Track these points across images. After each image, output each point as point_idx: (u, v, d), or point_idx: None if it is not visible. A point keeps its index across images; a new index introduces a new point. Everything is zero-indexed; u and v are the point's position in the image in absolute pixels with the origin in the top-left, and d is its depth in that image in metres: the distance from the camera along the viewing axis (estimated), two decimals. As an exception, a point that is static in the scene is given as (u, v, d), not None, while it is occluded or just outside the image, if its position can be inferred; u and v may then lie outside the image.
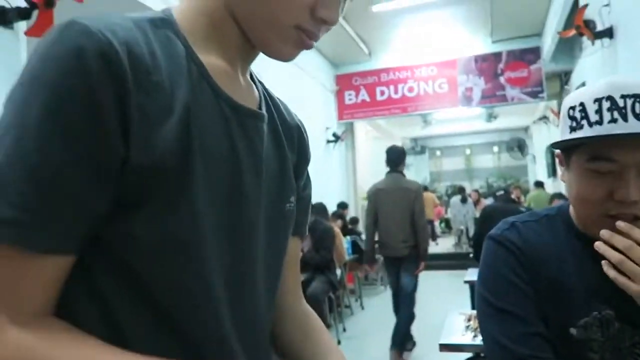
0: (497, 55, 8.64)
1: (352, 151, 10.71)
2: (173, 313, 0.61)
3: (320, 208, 5.86)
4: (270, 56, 0.69)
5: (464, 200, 11.74)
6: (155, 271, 0.59)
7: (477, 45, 8.83)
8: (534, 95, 8.39)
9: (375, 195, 4.63)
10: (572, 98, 0.99)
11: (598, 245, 0.93)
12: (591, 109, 0.93)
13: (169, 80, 0.59)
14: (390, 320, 4.57)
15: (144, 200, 0.56)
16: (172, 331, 0.61)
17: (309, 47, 0.69)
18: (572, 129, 0.96)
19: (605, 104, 0.92)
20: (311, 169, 0.91)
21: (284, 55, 0.68)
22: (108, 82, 0.53)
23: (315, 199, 5.73)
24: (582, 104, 0.95)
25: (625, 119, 0.89)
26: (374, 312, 6.66)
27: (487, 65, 8.73)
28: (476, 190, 13.02)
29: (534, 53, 8.44)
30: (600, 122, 0.91)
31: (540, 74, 8.38)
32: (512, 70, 8.54)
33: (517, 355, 0.97)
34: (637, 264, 0.87)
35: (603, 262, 0.91)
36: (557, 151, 1.06)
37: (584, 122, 0.94)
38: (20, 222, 0.50)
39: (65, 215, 0.53)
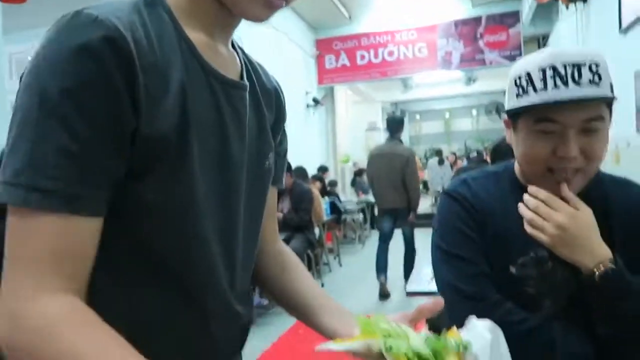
0: (477, 20, 8.69)
1: (332, 115, 10.77)
2: (175, 266, 0.69)
3: (300, 171, 6.00)
4: (245, 17, 0.73)
5: (441, 162, 11.98)
6: (160, 230, 0.66)
7: (458, 9, 8.85)
8: (513, 58, 8.48)
9: (372, 159, 5.46)
10: (518, 67, 1.11)
11: (520, 207, 1.08)
12: (536, 77, 1.06)
13: (164, 59, 0.65)
14: (367, 276, 4.80)
15: (150, 168, 0.64)
16: (174, 281, 0.70)
17: (277, 6, 0.71)
18: (519, 95, 1.09)
19: (549, 72, 1.04)
20: (291, 133, 1.02)
21: (256, 15, 0.71)
22: (120, 67, 0.59)
23: (295, 162, 5.84)
24: (528, 73, 1.07)
25: (566, 85, 1.02)
26: (352, 269, 6.93)
27: (467, 29, 8.78)
28: (454, 153, 13.27)
29: (513, 17, 8.50)
30: (545, 89, 1.04)
31: (518, 38, 8.47)
32: (491, 34, 8.62)
33: (465, 294, 1.12)
34: (544, 218, 1.03)
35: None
36: (504, 116, 1.20)
37: (530, 89, 1.07)
38: (61, 190, 0.57)
39: (96, 182, 0.59)
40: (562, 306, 1.12)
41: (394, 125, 5.43)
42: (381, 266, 5.50)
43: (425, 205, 12.72)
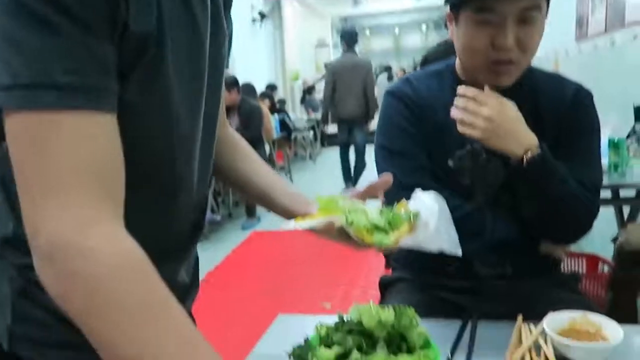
0: None
1: (280, 31, 10.40)
2: (155, 169, 0.70)
3: (248, 88, 5.85)
4: None
5: (390, 79, 12.02)
6: (140, 127, 0.66)
7: None
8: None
9: (334, 69, 5.93)
10: None
11: (452, 110, 1.13)
12: None
13: None
14: (320, 191, 4.91)
15: (133, 67, 0.61)
16: (155, 179, 0.71)
17: None
18: None
19: None
20: (237, 49, 0.98)
21: None
22: None
23: (242, 79, 5.68)
24: None
25: None
26: (303, 186, 7.05)
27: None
28: (403, 69, 13.28)
29: None
30: None
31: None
32: (441, -57, 8.35)
33: (404, 185, 1.18)
34: (473, 114, 1.09)
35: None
36: (447, 11, 1.20)
37: None
38: (79, 83, 0.52)
39: (109, 71, 0.56)
40: (493, 195, 1.21)
41: (349, 37, 5.85)
42: (346, 173, 6.24)
43: (375, 121, 12.92)
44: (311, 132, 9.37)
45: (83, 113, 0.53)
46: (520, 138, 1.09)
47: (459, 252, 0.90)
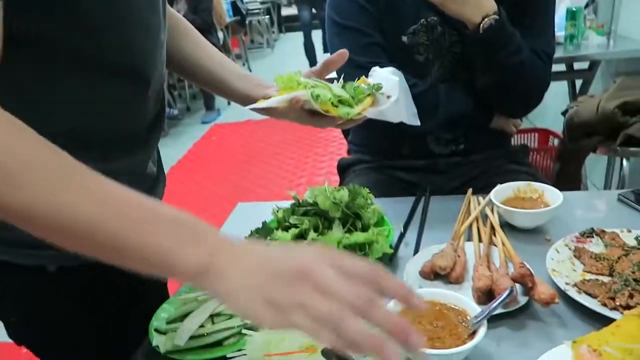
0: None
1: None
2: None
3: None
4: None
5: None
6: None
7: None
8: None
9: None
10: None
11: None
12: None
13: None
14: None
15: None
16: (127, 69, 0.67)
17: None
18: None
19: None
20: None
21: None
22: None
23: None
24: None
25: None
26: (262, 75, 6.78)
27: None
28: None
29: None
30: None
31: None
32: None
33: (358, 63, 1.14)
34: None
35: None
36: None
37: None
38: None
39: None
40: (448, 70, 1.19)
41: None
42: (310, 52, 6.11)
43: None
44: (267, 17, 8.86)
45: None
46: (479, 4, 1.06)
47: (417, 122, 0.91)
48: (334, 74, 0.91)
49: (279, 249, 0.52)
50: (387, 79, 0.88)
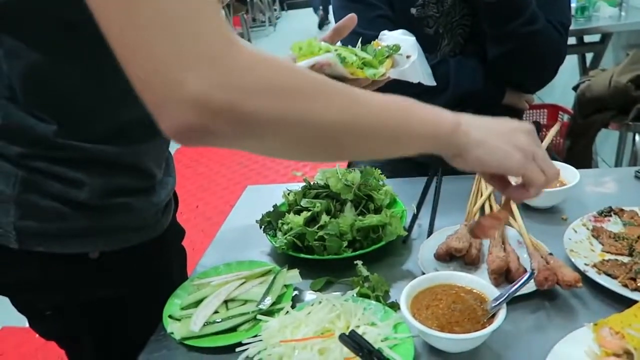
0: None
1: None
2: None
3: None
4: None
5: None
6: None
7: None
8: None
9: None
10: None
11: None
12: None
13: None
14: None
15: None
16: None
17: None
18: None
19: None
20: None
21: None
22: None
23: None
24: None
25: None
26: (265, 55, 6.77)
27: None
28: None
29: None
30: None
31: None
32: None
33: (366, 37, 1.12)
34: None
35: None
36: None
37: None
38: None
39: None
40: (458, 44, 1.16)
41: None
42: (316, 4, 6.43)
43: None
44: (271, -3, 8.72)
45: None
46: None
47: (433, 82, 0.90)
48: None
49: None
50: (403, 40, 0.87)
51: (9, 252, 0.68)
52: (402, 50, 0.84)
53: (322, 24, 7.06)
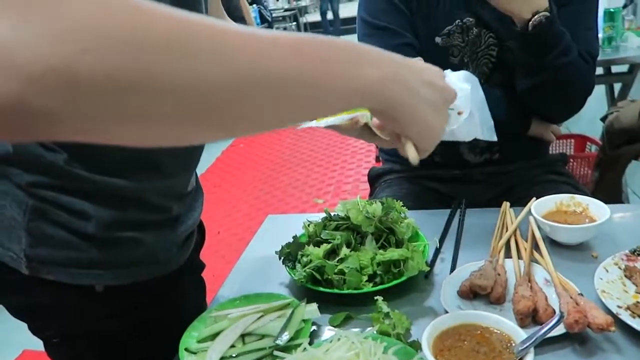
0: None
1: None
2: None
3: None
4: None
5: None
6: None
7: None
8: None
9: None
10: None
11: None
12: None
13: None
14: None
15: None
16: None
17: None
18: None
19: None
20: None
21: None
22: None
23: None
24: None
25: None
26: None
27: None
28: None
29: None
30: None
31: None
32: None
33: None
34: None
35: None
36: None
37: None
38: None
39: None
40: (483, 73, 1.15)
41: None
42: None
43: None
44: (294, 24, 8.90)
45: None
46: None
47: (494, 137, 0.79)
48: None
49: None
50: (458, 90, 0.68)
51: (22, 277, 0.68)
52: (454, 106, 0.68)
53: None
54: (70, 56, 0.28)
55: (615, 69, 2.51)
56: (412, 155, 0.58)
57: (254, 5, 6.64)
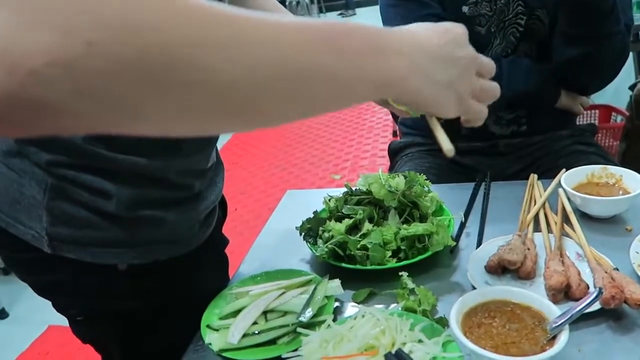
0: None
1: None
2: None
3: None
4: None
5: None
6: None
7: None
8: None
9: None
10: None
11: None
12: None
13: None
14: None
15: None
16: None
17: None
18: None
19: None
20: None
21: None
22: None
23: None
24: None
25: None
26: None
27: None
28: None
29: None
30: None
31: None
32: None
33: None
34: None
35: None
36: None
37: None
38: None
39: None
40: (510, 43, 1.10)
41: None
42: None
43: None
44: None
45: None
46: None
47: None
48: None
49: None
50: None
51: (44, 256, 0.68)
52: None
53: None
54: (76, 49, 0.27)
55: (644, 35, 2.41)
56: (447, 146, 0.55)
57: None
